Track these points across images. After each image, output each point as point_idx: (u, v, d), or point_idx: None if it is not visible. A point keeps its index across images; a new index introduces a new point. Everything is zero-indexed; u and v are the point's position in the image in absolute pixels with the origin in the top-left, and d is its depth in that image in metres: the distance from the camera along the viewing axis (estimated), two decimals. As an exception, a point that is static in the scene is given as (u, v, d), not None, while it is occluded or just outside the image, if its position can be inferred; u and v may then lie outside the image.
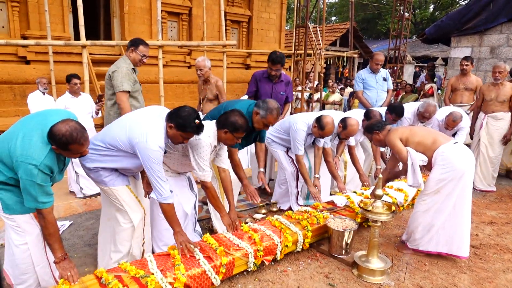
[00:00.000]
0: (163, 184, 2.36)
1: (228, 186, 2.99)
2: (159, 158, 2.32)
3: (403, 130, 3.17)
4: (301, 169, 3.79)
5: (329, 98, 9.81)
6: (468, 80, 5.48)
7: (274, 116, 3.04)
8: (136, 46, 3.46)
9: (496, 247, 3.38)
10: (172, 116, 2.38)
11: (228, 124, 2.70)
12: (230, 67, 10.00)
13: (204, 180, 2.74)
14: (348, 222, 3.14)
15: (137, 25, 8.47)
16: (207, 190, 2.80)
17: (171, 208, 2.44)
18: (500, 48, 7.17)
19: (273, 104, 3.04)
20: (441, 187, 2.92)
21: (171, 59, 9.07)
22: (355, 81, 5.69)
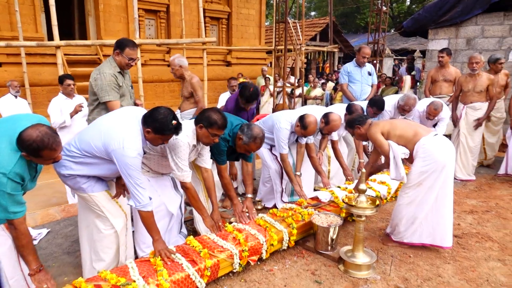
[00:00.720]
0: (142, 191, 2.29)
1: (210, 186, 2.93)
2: (137, 164, 2.24)
3: (384, 123, 3.16)
4: (286, 167, 3.76)
5: (311, 93, 9.82)
6: (447, 71, 5.56)
7: (257, 145, 2.97)
8: (121, 49, 3.11)
9: (477, 235, 3.43)
10: (148, 120, 2.29)
11: (203, 118, 2.64)
12: (211, 65, 9.90)
13: (183, 180, 2.68)
14: (333, 218, 3.13)
15: (113, 24, 8.26)
16: (187, 190, 2.74)
17: (150, 216, 2.37)
18: (476, 40, 7.29)
19: (257, 132, 2.97)
20: (423, 180, 2.94)
21: (150, 58, 8.90)
22: (341, 74, 5.69)
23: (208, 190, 2.95)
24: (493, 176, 5.27)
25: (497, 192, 4.64)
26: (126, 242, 2.61)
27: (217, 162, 3.12)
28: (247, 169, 3.34)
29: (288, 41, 8.65)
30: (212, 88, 9.79)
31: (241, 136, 2.97)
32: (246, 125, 3.02)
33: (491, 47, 7.15)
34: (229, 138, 3.05)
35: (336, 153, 4.23)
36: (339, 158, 4.21)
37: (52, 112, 4.36)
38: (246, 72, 10.84)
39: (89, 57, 7.86)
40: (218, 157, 3.07)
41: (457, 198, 4.35)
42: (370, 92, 5.59)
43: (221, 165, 3.11)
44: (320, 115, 3.89)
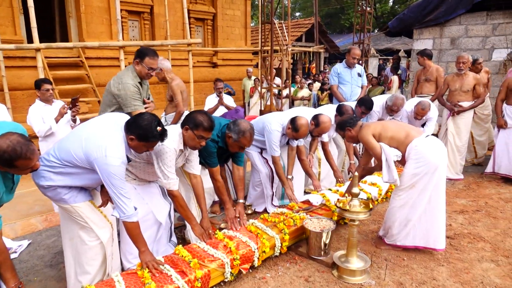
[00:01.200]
0: (126, 201, 2.18)
1: (200, 193, 2.84)
2: (121, 173, 2.13)
3: (375, 125, 3.12)
4: (278, 170, 3.70)
5: (298, 94, 9.79)
6: (428, 71, 5.57)
7: (247, 138, 2.93)
8: (141, 58, 3.01)
9: (469, 236, 3.42)
10: (131, 127, 2.19)
11: (189, 120, 2.56)
12: (197, 66, 9.78)
13: (169, 188, 2.59)
14: (326, 222, 3.07)
15: (95, 26, 8.05)
16: (175, 199, 2.65)
17: (136, 227, 2.26)
18: (460, 39, 7.37)
19: (244, 126, 2.92)
20: (415, 182, 2.90)
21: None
22: (331, 75, 5.66)
23: (197, 197, 2.86)
24: (480, 174, 5.31)
25: (485, 191, 4.67)
26: (112, 253, 2.49)
27: (208, 165, 3.04)
28: (239, 174, 3.26)
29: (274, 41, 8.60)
30: (199, 90, 9.66)
31: (230, 135, 2.92)
32: (232, 122, 2.97)
33: (475, 46, 7.23)
34: (218, 138, 2.97)
35: (326, 155, 4.19)
36: (329, 160, 4.17)
37: (33, 122, 3.97)
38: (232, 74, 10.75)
39: (71, 59, 7.65)
40: (209, 159, 2.99)
41: (447, 198, 4.32)
42: (360, 93, 5.56)
43: (213, 168, 3.03)
44: (310, 117, 3.84)
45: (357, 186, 2.78)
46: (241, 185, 3.25)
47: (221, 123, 3.02)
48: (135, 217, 2.23)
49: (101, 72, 8.08)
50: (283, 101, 9.55)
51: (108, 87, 3.05)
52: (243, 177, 3.30)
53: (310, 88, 10.33)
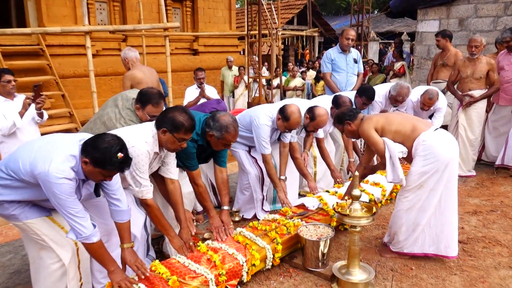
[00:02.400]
0: (81, 221, 2.11)
1: (178, 200, 2.78)
2: (66, 191, 2.04)
3: (378, 118, 3.09)
4: (270, 170, 3.65)
5: (290, 84, 9.77)
6: (446, 55, 5.58)
7: (232, 133, 2.86)
8: (143, 105, 2.93)
9: (484, 240, 3.42)
10: (88, 147, 2.07)
11: (166, 121, 2.48)
12: (175, 54, 9.66)
13: (142, 197, 2.53)
14: (323, 229, 3.04)
15: (57, 9, 7.87)
16: (149, 208, 2.59)
17: (99, 247, 2.21)
18: (469, 20, 7.40)
19: (226, 120, 2.84)
20: (424, 181, 2.88)
21: (103, 47, 8.59)
22: (323, 62, 5.61)
23: (175, 205, 2.80)
24: (494, 170, 5.34)
25: (500, 189, 4.69)
26: (78, 276, 2.42)
27: (186, 168, 2.98)
28: (222, 176, 3.19)
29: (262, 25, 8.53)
30: (178, 81, 9.55)
31: (211, 133, 2.86)
32: (210, 118, 2.90)
33: (485, 27, 7.26)
34: (198, 137, 2.91)
35: (322, 153, 4.16)
36: (326, 158, 4.15)
37: None
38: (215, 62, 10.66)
39: (29, 48, 7.47)
40: (188, 161, 2.93)
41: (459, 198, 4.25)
42: (356, 82, 5.54)
43: (193, 171, 2.98)
44: (304, 109, 3.79)
45: (358, 187, 2.75)
46: (225, 188, 3.20)
47: (200, 119, 2.95)
48: (94, 237, 2.17)
49: (65, 62, 7.92)
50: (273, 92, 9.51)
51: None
52: (227, 180, 3.25)
53: (303, 77, 10.31)
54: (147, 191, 2.53)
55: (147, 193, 2.53)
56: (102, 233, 2.39)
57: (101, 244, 2.23)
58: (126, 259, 2.40)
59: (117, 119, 2.96)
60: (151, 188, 2.57)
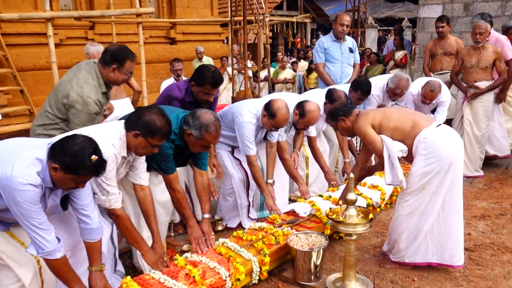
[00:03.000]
0: (44, 234, 2.09)
1: (149, 209, 2.77)
2: (30, 199, 2.02)
3: (375, 113, 3.12)
4: (255, 173, 3.66)
5: (279, 76, 9.77)
6: (447, 43, 5.65)
7: (212, 134, 2.85)
8: (121, 63, 2.99)
9: (492, 247, 3.48)
10: (56, 151, 2.05)
11: (139, 123, 2.46)
12: (149, 43, 9.61)
13: (110, 206, 2.50)
14: (316, 238, 3.05)
15: (14, -8, 7.75)
16: (118, 220, 2.57)
17: (62, 264, 2.19)
18: (475, 4, 7.50)
19: (207, 118, 2.83)
20: (426, 183, 2.91)
21: (67, 36, 8.50)
22: (315, 51, 5.64)
23: (146, 214, 2.78)
24: (504, 169, 5.43)
25: (510, 190, 4.78)
26: None
27: (162, 171, 2.96)
28: (202, 181, 3.18)
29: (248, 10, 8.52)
30: (153, 73, 9.50)
31: (190, 131, 2.84)
32: (190, 115, 2.89)
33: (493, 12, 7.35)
34: (175, 136, 2.90)
35: (315, 153, 4.18)
36: (318, 159, 4.16)
37: None
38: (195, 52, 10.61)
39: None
40: (164, 164, 2.91)
41: (465, 201, 4.38)
42: (352, 74, 5.58)
43: (169, 175, 2.96)
44: (293, 105, 3.80)
45: (353, 191, 2.77)
46: (206, 194, 3.19)
47: (178, 115, 2.93)
48: (58, 252, 2.15)
49: (24, 53, 7.80)
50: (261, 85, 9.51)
51: (62, 90, 2.98)
52: (208, 184, 3.24)
53: (294, 68, 10.32)
54: (116, 199, 2.51)
55: (115, 202, 2.51)
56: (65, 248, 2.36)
57: (65, 260, 2.21)
58: (95, 284, 2.37)
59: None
60: (120, 196, 2.55)
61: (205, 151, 3.04)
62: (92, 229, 2.37)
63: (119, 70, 3.01)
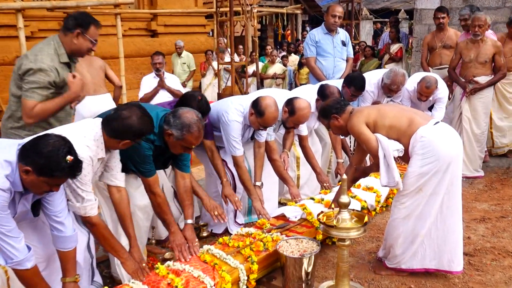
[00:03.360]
0: (13, 242, 2.08)
1: (125, 213, 2.76)
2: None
3: (369, 111, 3.14)
4: (242, 175, 3.66)
5: (269, 70, 9.79)
6: (446, 35, 5.71)
7: (195, 135, 2.84)
8: (85, 28, 2.96)
9: (493, 251, 3.52)
10: (28, 153, 2.04)
11: (119, 125, 2.47)
12: (128, 35, 9.55)
13: (86, 214, 2.48)
14: (307, 244, 3.05)
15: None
16: (94, 228, 2.56)
17: (33, 275, 2.18)
18: (475, -5, 7.57)
19: (189, 117, 2.82)
20: (423, 184, 2.94)
21: (39, 28, 8.40)
22: (306, 44, 5.66)
23: (122, 218, 2.77)
24: (506, 169, 5.50)
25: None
26: None
27: (141, 174, 2.95)
28: (184, 184, 3.17)
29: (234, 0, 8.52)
30: (132, 68, 9.44)
31: (170, 131, 2.83)
32: (171, 113, 2.89)
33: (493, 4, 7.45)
34: (155, 136, 2.89)
35: (306, 153, 4.19)
36: (310, 159, 4.17)
37: None
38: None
39: None
40: (142, 166, 2.90)
41: (465, 203, 4.42)
42: (345, 68, 5.61)
43: (149, 178, 2.95)
44: (283, 101, 3.81)
45: (347, 193, 2.78)
46: (189, 198, 3.18)
47: (158, 114, 2.92)
48: (29, 262, 2.14)
49: (-6, 46, 7.72)
50: (249, 80, 9.52)
51: (17, 65, 2.95)
52: (191, 188, 3.23)
53: (284, 62, 10.35)
54: (91, 206, 2.49)
55: (91, 209, 2.49)
56: (39, 259, 2.34)
57: (36, 271, 2.19)
58: None
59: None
60: (96, 203, 2.53)
61: (186, 152, 3.04)
62: (66, 237, 2.35)
63: (82, 36, 2.97)
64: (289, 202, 3.91)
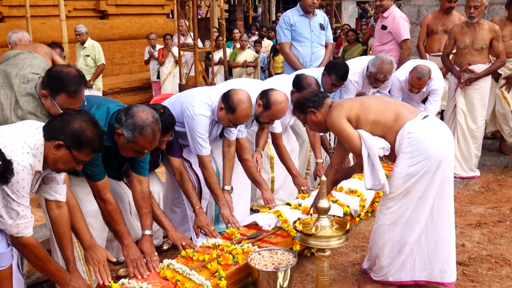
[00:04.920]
0: None
1: (65, 232, 2.72)
2: None
3: (351, 104, 3.18)
4: (209, 178, 3.68)
5: (238, 58, 9.80)
6: (449, 19, 5.85)
7: (149, 138, 2.84)
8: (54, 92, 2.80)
9: (489, 259, 3.64)
10: None
11: (66, 132, 2.40)
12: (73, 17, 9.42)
13: (18, 234, 2.40)
14: (282, 256, 3.10)
15: None
16: (26, 250, 2.48)
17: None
18: (470, -27, 7.76)
19: (143, 118, 2.81)
20: (411, 186, 2.99)
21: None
22: (279, 28, 5.70)
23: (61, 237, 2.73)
24: (503, 168, 5.66)
25: (510, 192, 5.00)
26: None
27: (88, 177, 2.95)
28: (141, 189, 3.18)
29: (197, -23, 8.52)
30: (79, 56, 9.33)
31: (121, 131, 2.83)
32: (123, 111, 2.88)
33: (492, -16, 7.64)
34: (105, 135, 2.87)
35: (280, 153, 4.23)
36: (285, 160, 4.21)
37: None
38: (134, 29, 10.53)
39: None
40: (89, 169, 2.90)
41: (458, 206, 4.58)
42: (324, 55, 5.68)
43: (97, 182, 2.95)
44: (256, 93, 3.85)
45: (327, 197, 2.82)
46: (147, 206, 3.19)
47: (109, 110, 2.91)
48: None
49: None
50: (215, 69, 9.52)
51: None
52: (149, 195, 3.23)
53: (256, 48, 10.39)
54: (25, 225, 2.41)
55: (25, 229, 2.41)
56: None
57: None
58: None
59: (12, 108, 2.85)
60: (32, 221, 2.45)
61: (138, 156, 3.03)
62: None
63: (52, 100, 2.83)
64: (262, 209, 3.94)
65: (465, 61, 5.35)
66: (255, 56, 9.93)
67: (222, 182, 3.84)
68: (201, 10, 12.49)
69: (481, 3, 5.11)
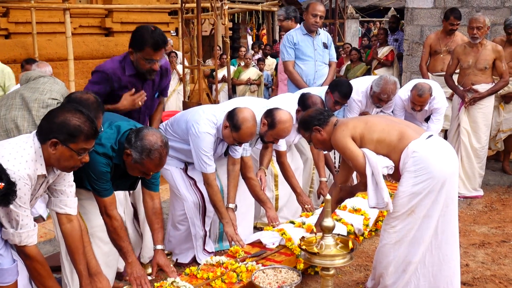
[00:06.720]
0: None
1: (77, 246, 2.70)
2: None
3: (355, 123, 3.21)
4: (213, 196, 3.68)
5: (242, 75, 9.84)
6: (452, 39, 5.89)
7: (155, 161, 2.87)
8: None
9: (493, 280, 3.63)
10: None
11: (55, 128, 2.39)
12: (79, 34, 9.51)
13: (21, 243, 2.40)
14: (286, 274, 3.09)
15: None
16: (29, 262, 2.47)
17: None
18: (472, -7, 7.84)
19: (152, 141, 2.83)
20: (415, 205, 3.01)
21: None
22: (283, 46, 5.74)
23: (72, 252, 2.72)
24: (507, 188, 5.66)
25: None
26: None
27: (95, 192, 2.96)
28: (153, 205, 3.21)
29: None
30: (83, 72, 9.38)
31: (130, 151, 2.85)
32: (134, 132, 2.90)
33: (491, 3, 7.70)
34: (113, 153, 2.90)
35: (285, 171, 4.24)
36: (289, 178, 4.23)
37: None
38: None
39: None
40: (97, 184, 2.91)
41: (462, 226, 4.57)
42: (328, 74, 5.72)
43: (104, 198, 2.96)
44: (260, 112, 3.87)
45: (331, 216, 2.83)
46: (159, 221, 3.20)
47: (120, 128, 2.94)
48: None
49: None
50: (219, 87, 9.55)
51: None
52: (161, 210, 3.25)
53: (260, 66, 10.42)
54: (28, 234, 2.41)
55: (27, 238, 2.41)
56: None
57: None
58: None
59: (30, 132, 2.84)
60: (35, 230, 2.46)
61: (144, 177, 3.06)
62: (3, 270, 2.32)
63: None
64: (266, 227, 3.94)
65: (469, 81, 5.38)
66: (259, 74, 9.97)
67: (226, 200, 3.85)
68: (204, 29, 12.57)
69: (484, 24, 5.18)
